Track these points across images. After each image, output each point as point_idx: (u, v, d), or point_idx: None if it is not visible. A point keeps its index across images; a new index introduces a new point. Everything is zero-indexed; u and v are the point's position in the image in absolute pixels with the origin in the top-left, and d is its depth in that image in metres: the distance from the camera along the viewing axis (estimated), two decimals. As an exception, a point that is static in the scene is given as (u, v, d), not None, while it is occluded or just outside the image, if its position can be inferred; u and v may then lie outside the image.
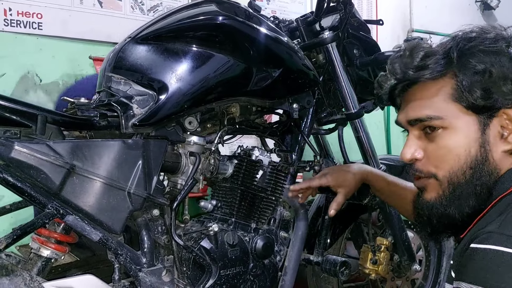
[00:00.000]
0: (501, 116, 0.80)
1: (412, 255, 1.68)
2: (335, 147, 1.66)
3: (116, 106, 1.10)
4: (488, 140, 0.80)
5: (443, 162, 0.83)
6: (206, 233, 1.19)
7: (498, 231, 0.70)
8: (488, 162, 0.80)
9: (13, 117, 0.98)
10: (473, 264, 0.70)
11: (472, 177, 0.81)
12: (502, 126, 0.80)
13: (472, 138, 0.80)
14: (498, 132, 0.80)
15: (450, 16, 3.50)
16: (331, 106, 1.56)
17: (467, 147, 0.81)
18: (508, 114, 0.79)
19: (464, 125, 0.81)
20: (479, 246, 0.70)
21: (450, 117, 0.81)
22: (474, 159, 0.80)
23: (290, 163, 1.43)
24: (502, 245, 0.68)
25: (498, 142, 0.80)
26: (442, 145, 0.83)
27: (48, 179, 0.97)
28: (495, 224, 0.72)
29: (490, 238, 0.69)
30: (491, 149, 0.80)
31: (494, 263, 0.67)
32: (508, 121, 0.80)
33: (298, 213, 1.43)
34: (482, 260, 0.69)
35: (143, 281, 1.10)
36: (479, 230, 0.73)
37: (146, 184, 1.09)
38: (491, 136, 0.80)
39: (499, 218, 0.72)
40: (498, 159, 0.80)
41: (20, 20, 1.88)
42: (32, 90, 1.90)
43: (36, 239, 1.04)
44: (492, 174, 0.80)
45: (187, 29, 1.17)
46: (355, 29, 1.55)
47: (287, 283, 1.38)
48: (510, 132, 0.80)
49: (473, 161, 0.80)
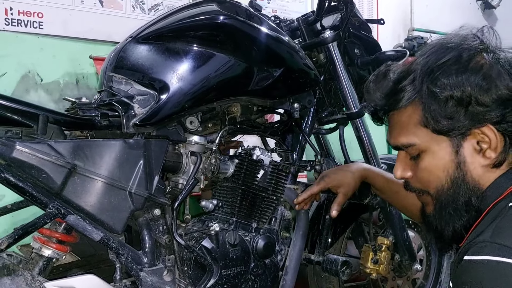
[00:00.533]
0: (474, 134, 0.80)
1: (413, 255, 1.68)
2: (336, 146, 1.66)
3: (117, 105, 1.10)
4: (463, 160, 0.81)
5: (428, 183, 0.86)
6: (207, 232, 1.19)
7: (490, 240, 0.70)
8: (466, 181, 0.82)
9: (15, 117, 0.98)
10: (468, 277, 0.70)
11: (455, 195, 0.83)
12: (478, 141, 0.80)
13: (447, 160, 0.82)
14: (475, 149, 0.81)
15: (450, 15, 3.50)
16: (332, 105, 1.56)
17: (445, 168, 0.83)
18: (482, 130, 0.79)
19: (438, 147, 0.83)
20: (473, 258, 0.70)
21: (424, 142, 0.84)
22: (453, 178, 0.82)
23: (291, 162, 1.43)
24: (495, 254, 0.67)
25: (476, 158, 0.81)
26: (423, 167, 0.86)
27: (50, 178, 0.97)
28: (487, 233, 0.72)
29: (483, 249, 0.69)
30: (469, 167, 0.81)
31: (489, 274, 0.67)
32: (483, 135, 0.79)
33: (299, 213, 1.43)
34: (476, 272, 0.69)
35: (144, 280, 1.10)
36: (472, 240, 0.73)
37: (147, 183, 1.09)
38: (467, 155, 0.81)
39: (490, 226, 0.73)
40: (479, 175, 0.81)
41: (21, 19, 1.88)
42: (33, 90, 1.89)
43: (38, 239, 1.04)
44: (473, 191, 0.82)
45: (188, 29, 1.17)
46: (356, 28, 1.55)
47: (288, 282, 1.38)
48: (488, 146, 0.80)
49: (452, 181, 0.83)
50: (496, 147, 0.79)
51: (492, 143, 0.79)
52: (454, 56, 0.80)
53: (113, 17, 2.07)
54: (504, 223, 0.71)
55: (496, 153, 0.79)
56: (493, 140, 0.79)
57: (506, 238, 0.68)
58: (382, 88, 0.88)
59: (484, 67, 0.78)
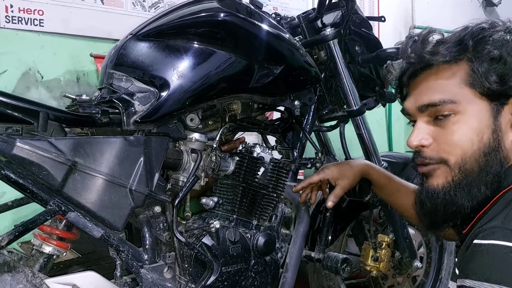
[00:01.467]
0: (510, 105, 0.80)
1: (413, 252, 1.69)
2: (337, 144, 1.66)
3: (118, 103, 1.10)
4: (500, 127, 0.79)
5: (456, 148, 0.80)
6: (208, 230, 1.19)
7: (502, 226, 0.70)
8: (500, 149, 0.79)
9: (15, 114, 0.99)
10: (476, 260, 0.70)
11: (485, 164, 0.79)
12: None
13: (485, 124, 0.79)
14: (509, 120, 0.80)
15: (452, 12, 3.48)
16: (332, 103, 1.56)
17: (480, 133, 0.79)
18: None
19: (477, 110, 0.80)
20: (483, 241, 0.70)
21: (464, 102, 0.80)
22: (488, 145, 0.79)
23: (291, 160, 1.43)
24: (506, 240, 0.67)
25: (508, 131, 0.80)
26: (455, 130, 0.81)
27: (50, 175, 0.98)
28: (499, 219, 0.71)
29: (494, 234, 0.69)
30: (503, 137, 0.79)
31: (498, 257, 0.67)
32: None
33: (299, 210, 1.43)
34: (485, 255, 0.69)
35: (145, 277, 1.10)
36: (482, 226, 0.73)
37: (147, 181, 1.09)
38: (503, 124, 0.80)
39: (502, 213, 0.72)
40: (509, 147, 0.80)
41: (22, 17, 1.88)
42: (33, 87, 1.90)
43: (38, 236, 1.04)
44: (502, 162, 0.79)
45: (189, 26, 1.17)
46: (357, 25, 1.55)
47: (289, 280, 1.38)
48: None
49: (486, 147, 0.79)
50: None
51: None
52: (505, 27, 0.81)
53: (114, 15, 2.07)
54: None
55: None
56: None
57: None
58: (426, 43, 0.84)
59: None
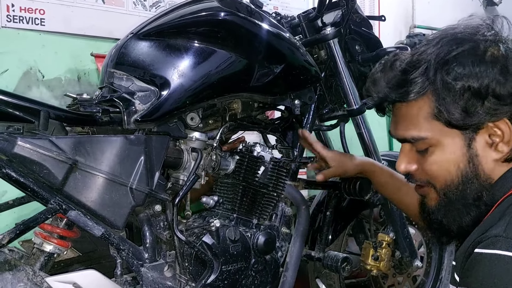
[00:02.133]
0: (488, 127, 0.78)
1: (414, 252, 1.69)
2: (337, 143, 1.66)
3: (118, 102, 1.11)
4: (475, 153, 0.79)
5: (437, 177, 0.83)
6: (208, 228, 1.19)
7: (504, 235, 0.68)
8: (478, 176, 0.80)
9: (16, 113, 0.99)
10: (479, 270, 0.69)
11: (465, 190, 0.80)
12: (490, 135, 0.78)
13: (459, 154, 0.80)
14: (487, 142, 0.79)
15: (452, 12, 3.48)
16: (333, 102, 1.56)
17: (456, 163, 0.80)
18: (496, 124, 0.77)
19: (450, 142, 0.80)
20: (485, 251, 0.69)
21: (436, 135, 0.81)
22: (465, 173, 0.80)
23: (291, 159, 1.44)
24: (508, 250, 0.67)
25: (488, 152, 0.79)
26: (433, 161, 0.82)
27: (51, 174, 0.98)
28: (500, 227, 0.70)
29: (496, 243, 0.68)
30: (481, 161, 0.79)
31: (501, 268, 0.66)
32: (496, 129, 0.78)
33: (299, 209, 1.44)
34: (488, 265, 0.68)
35: (145, 276, 1.11)
36: (483, 234, 0.71)
37: (148, 179, 1.09)
38: (479, 149, 0.79)
39: (503, 221, 0.71)
40: (489, 169, 0.79)
41: (23, 16, 1.88)
42: (34, 86, 1.90)
43: (39, 234, 1.04)
44: (484, 186, 0.80)
45: (189, 25, 1.17)
46: (357, 25, 1.55)
47: (289, 279, 1.38)
48: (500, 140, 0.78)
49: (463, 176, 0.80)
50: (509, 141, 0.77)
51: (505, 137, 0.77)
52: (470, 47, 0.77)
53: (115, 14, 2.08)
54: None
55: (508, 147, 0.77)
56: (507, 134, 0.77)
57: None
58: (390, 78, 0.84)
59: (501, 59, 0.76)
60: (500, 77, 0.75)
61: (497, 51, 0.77)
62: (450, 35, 0.80)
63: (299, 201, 1.43)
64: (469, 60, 0.76)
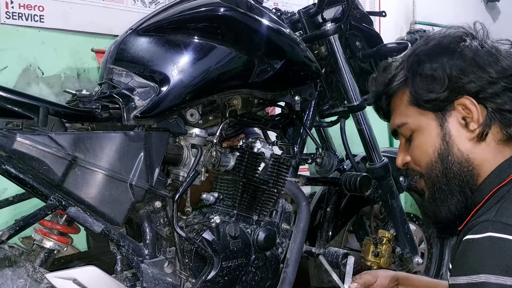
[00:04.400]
0: (457, 108, 0.84)
1: (414, 248, 1.68)
2: (337, 140, 1.65)
3: (118, 98, 1.10)
4: (448, 133, 0.85)
5: (419, 161, 0.91)
6: (208, 225, 1.19)
7: (494, 219, 0.70)
8: (453, 154, 0.85)
9: (15, 109, 0.98)
10: (471, 254, 0.70)
11: (443, 169, 0.86)
12: (462, 117, 0.84)
13: (434, 135, 0.87)
14: (459, 122, 0.85)
15: (453, 8, 3.47)
16: (333, 98, 1.56)
17: (432, 143, 0.87)
18: (463, 103, 0.83)
19: (426, 124, 0.88)
20: (476, 236, 0.70)
21: (414, 120, 0.89)
22: (440, 152, 0.86)
23: (292, 155, 1.43)
24: (501, 232, 0.68)
25: (462, 132, 0.85)
26: (415, 145, 0.91)
27: (50, 170, 0.98)
28: (490, 213, 0.72)
29: (486, 227, 0.70)
30: (455, 140, 0.85)
31: (493, 249, 0.67)
32: (466, 109, 0.83)
33: (300, 206, 1.43)
34: (479, 248, 0.69)
35: (145, 272, 1.11)
36: (474, 221, 0.74)
37: (148, 176, 1.09)
38: (453, 129, 0.85)
39: (493, 208, 0.73)
40: (466, 148, 0.84)
41: (22, 12, 1.87)
42: (34, 83, 1.89)
43: (39, 231, 1.04)
44: (462, 165, 0.84)
45: (189, 21, 1.17)
46: (357, 21, 1.54)
47: (289, 275, 1.38)
48: (470, 119, 0.83)
49: (439, 154, 0.86)
50: (478, 119, 0.82)
51: (474, 115, 0.82)
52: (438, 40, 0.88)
53: (114, 10, 2.07)
54: (508, 205, 0.72)
55: (478, 124, 0.82)
56: (474, 112, 0.82)
57: (510, 218, 0.69)
58: (382, 79, 0.95)
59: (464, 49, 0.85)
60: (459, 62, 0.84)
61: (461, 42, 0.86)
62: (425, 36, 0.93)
63: (300, 197, 1.43)
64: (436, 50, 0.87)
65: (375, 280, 1.18)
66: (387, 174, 1.53)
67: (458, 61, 0.84)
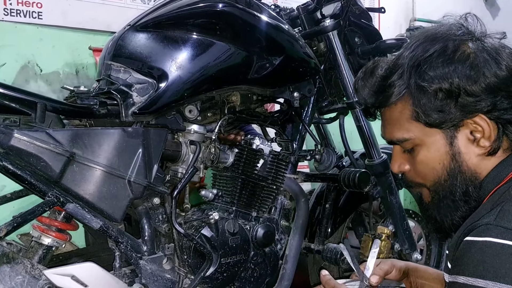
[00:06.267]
0: (467, 124, 0.80)
1: (413, 244, 1.68)
2: (336, 136, 1.65)
3: (116, 94, 1.10)
4: (458, 151, 0.82)
5: (425, 176, 0.86)
6: (207, 221, 1.19)
7: (495, 223, 0.69)
8: (463, 171, 0.82)
9: (13, 105, 0.98)
10: (470, 257, 0.69)
11: (452, 186, 0.83)
12: (471, 132, 0.81)
13: (442, 152, 0.83)
14: (468, 139, 0.81)
15: (453, 4, 3.46)
16: (332, 95, 1.56)
17: (441, 160, 0.83)
18: (474, 120, 0.79)
19: (433, 140, 0.83)
20: (476, 239, 0.70)
21: (418, 135, 0.84)
22: (450, 170, 0.83)
23: (291, 152, 1.43)
24: (500, 237, 0.67)
25: (471, 148, 0.81)
26: (419, 161, 0.86)
27: (48, 167, 0.97)
28: (491, 216, 0.71)
29: (487, 231, 0.69)
30: (464, 157, 0.82)
31: (492, 255, 0.67)
32: (476, 125, 0.80)
33: (299, 202, 1.43)
34: (479, 252, 0.68)
35: (144, 268, 1.11)
36: (474, 222, 0.72)
37: (146, 172, 1.09)
38: (462, 146, 0.81)
39: (494, 210, 0.72)
40: (474, 164, 0.81)
41: (20, 9, 1.87)
42: (32, 80, 1.89)
43: (37, 227, 1.04)
44: (470, 181, 0.82)
45: (187, 17, 1.16)
46: (356, 17, 1.54)
47: (288, 271, 1.38)
48: (481, 135, 0.80)
49: (449, 173, 0.83)
50: (490, 136, 0.79)
51: (486, 132, 0.79)
52: (440, 48, 0.80)
53: (113, 7, 2.06)
54: (509, 207, 0.71)
55: (490, 142, 0.79)
56: (486, 129, 0.79)
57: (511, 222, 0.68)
58: (371, 85, 0.87)
59: (471, 56, 0.78)
60: (471, 74, 0.77)
61: (467, 49, 0.79)
62: (423, 38, 0.83)
63: (299, 194, 1.43)
64: (439, 61, 0.79)
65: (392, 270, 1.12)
66: (386, 171, 1.53)
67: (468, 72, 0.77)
